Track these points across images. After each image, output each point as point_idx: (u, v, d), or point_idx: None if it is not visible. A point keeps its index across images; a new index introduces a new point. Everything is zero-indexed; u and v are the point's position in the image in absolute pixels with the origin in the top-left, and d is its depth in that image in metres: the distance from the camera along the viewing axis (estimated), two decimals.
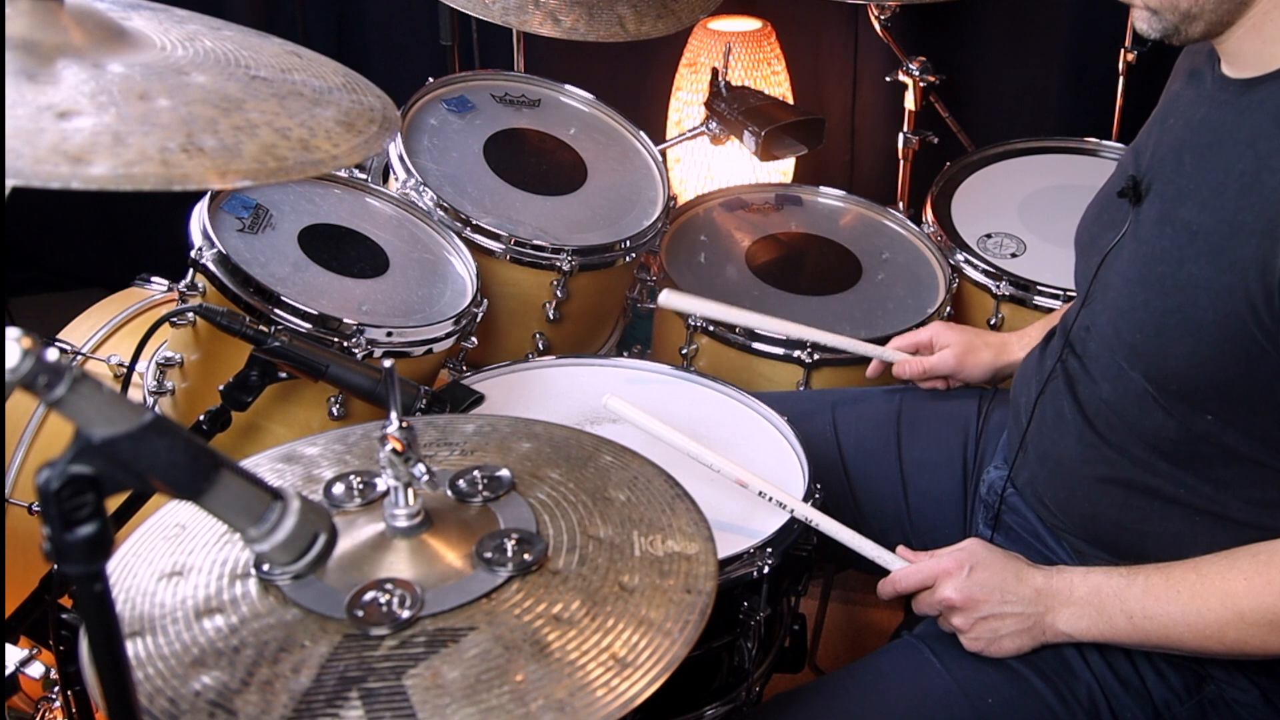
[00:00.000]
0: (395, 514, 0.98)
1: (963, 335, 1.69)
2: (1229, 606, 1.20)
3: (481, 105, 2.17)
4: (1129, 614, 1.25)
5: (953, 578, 1.31)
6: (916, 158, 2.64)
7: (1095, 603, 1.27)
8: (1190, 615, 1.22)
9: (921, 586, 1.34)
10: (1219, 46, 1.24)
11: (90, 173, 0.80)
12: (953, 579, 1.31)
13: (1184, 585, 1.23)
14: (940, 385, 1.71)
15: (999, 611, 1.30)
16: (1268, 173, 1.15)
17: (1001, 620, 1.30)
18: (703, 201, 2.34)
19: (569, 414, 1.58)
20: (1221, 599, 1.20)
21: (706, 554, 1.00)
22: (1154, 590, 1.24)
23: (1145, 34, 1.23)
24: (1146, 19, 1.22)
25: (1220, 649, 1.23)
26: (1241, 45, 1.20)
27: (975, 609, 1.30)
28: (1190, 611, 1.22)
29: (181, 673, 0.88)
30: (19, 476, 1.80)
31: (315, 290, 1.69)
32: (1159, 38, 1.22)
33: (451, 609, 0.93)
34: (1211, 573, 1.22)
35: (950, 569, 1.32)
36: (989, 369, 1.67)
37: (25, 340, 0.70)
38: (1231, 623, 1.20)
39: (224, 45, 1.07)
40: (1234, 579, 1.20)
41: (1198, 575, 1.23)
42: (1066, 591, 1.29)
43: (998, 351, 1.67)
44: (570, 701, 0.85)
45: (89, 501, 0.74)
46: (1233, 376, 1.19)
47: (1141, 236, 1.29)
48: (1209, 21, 1.19)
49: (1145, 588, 1.25)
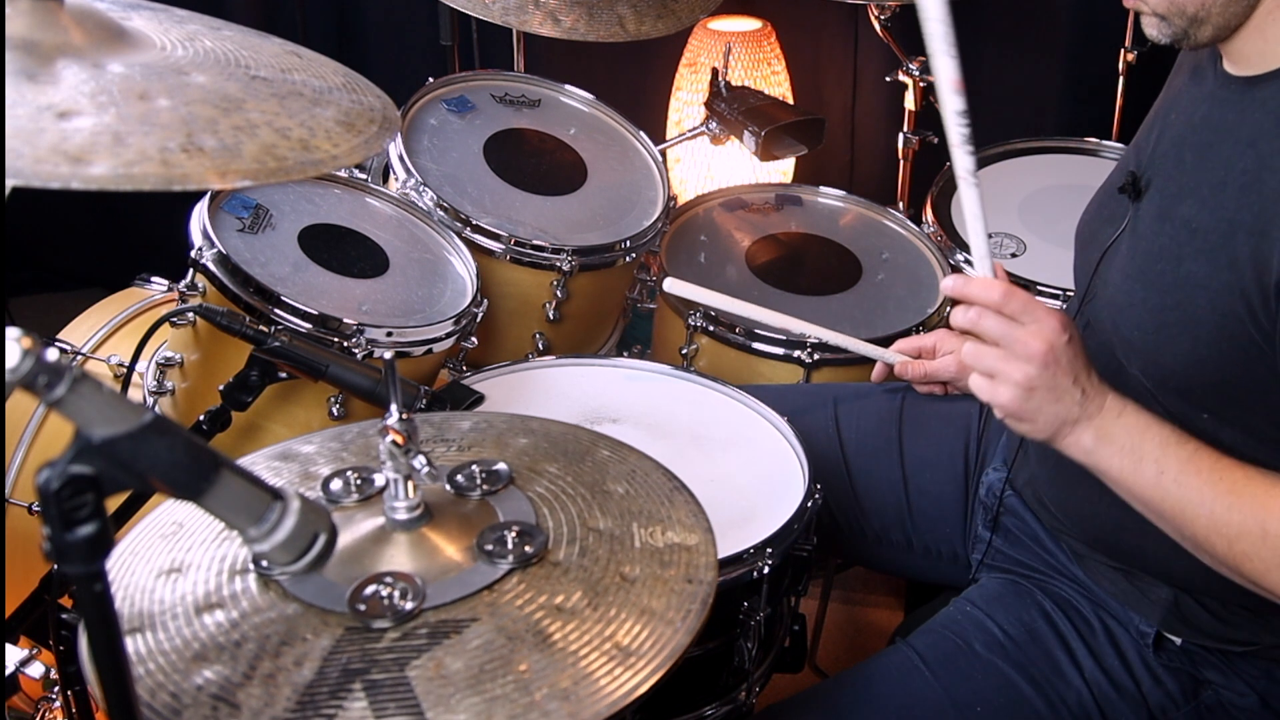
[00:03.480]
0: (395, 507, 0.98)
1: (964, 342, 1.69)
2: (1258, 518, 1.14)
3: (481, 105, 2.17)
4: (1161, 468, 1.18)
5: (1051, 332, 1.17)
6: (916, 158, 2.64)
7: (1135, 438, 1.19)
8: (1219, 506, 1.16)
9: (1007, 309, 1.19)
10: (1222, 45, 1.24)
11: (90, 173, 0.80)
12: (1050, 333, 1.17)
13: (1228, 475, 1.17)
14: (938, 391, 1.70)
15: (1060, 391, 1.18)
16: (1268, 172, 1.15)
17: (1055, 401, 1.19)
18: (703, 201, 2.35)
19: (569, 414, 1.58)
20: (1255, 508, 1.15)
21: (706, 544, 1.01)
22: (1199, 462, 1.18)
23: (1155, 39, 1.23)
24: (1156, 25, 1.22)
25: (1224, 552, 1.16)
26: (1245, 44, 1.20)
27: (1050, 374, 1.18)
28: (1220, 502, 1.16)
29: (183, 668, 0.88)
30: (19, 476, 1.80)
31: (315, 290, 1.69)
32: (1169, 43, 1.22)
33: (453, 601, 0.93)
34: (1258, 480, 1.16)
35: (1055, 325, 1.18)
36: None
37: (25, 340, 0.70)
38: (1252, 533, 1.14)
39: (224, 45, 1.07)
40: (1276, 497, 1.14)
41: (1244, 474, 1.17)
42: (1115, 411, 1.20)
43: None
44: (575, 690, 0.85)
45: (89, 501, 0.74)
46: (1230, 375, 1.19)
47: (1141, 233, 1.29)
48: (1217, 25, 1.19)
49: (1191, 456, 1.18)
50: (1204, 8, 1.17)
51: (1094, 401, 1.20)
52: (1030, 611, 1.40)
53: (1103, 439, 1.20)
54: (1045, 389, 1.18)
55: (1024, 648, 1.35)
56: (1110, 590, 1.37)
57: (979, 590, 1.47)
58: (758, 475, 1.49)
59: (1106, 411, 1.20)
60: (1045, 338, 1.17)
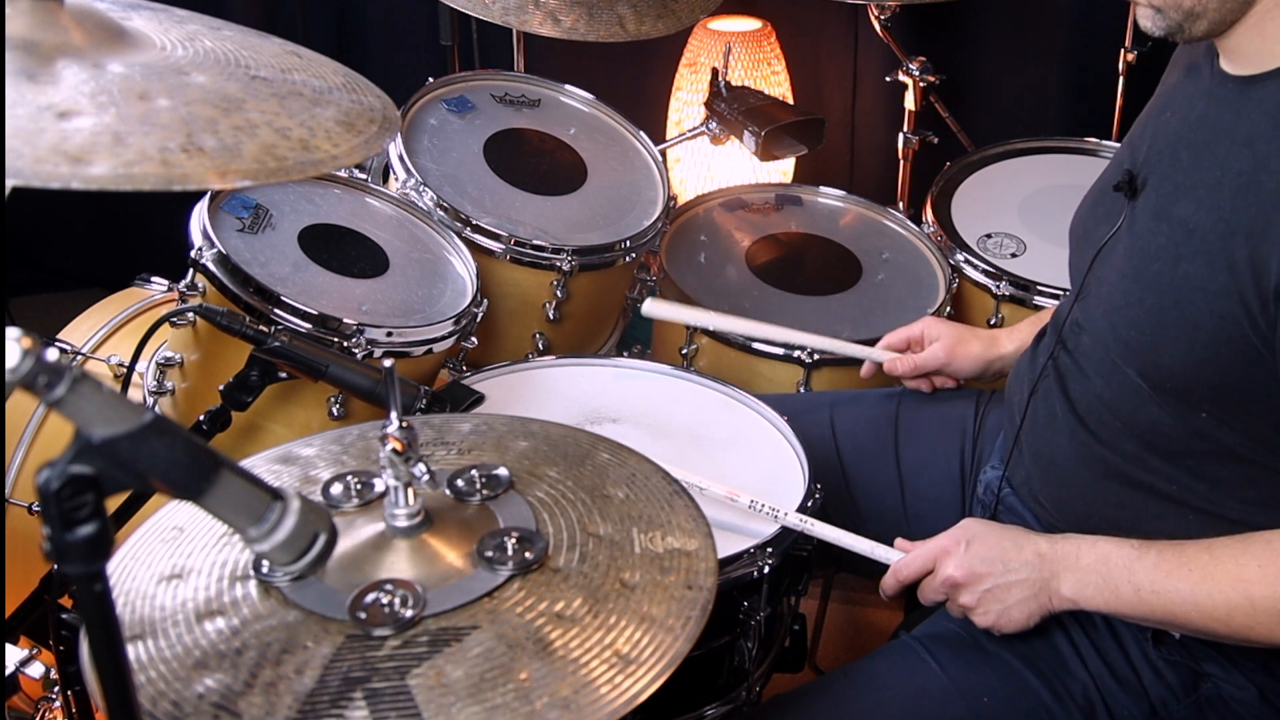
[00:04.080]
0: (395, 514, 0.98)
1: (952, 328, 1.69)
2: (1240, 591, 1.18)
3: (481, 105, 2.17)
4: (1136, 586, 1.23)
5: (951, 555, 1.30)
6: (916, 158, 2.65)
7: (1102, 571, 1.25)
8: (1200, 595, 1.20)
9: (923, 572, 1.33)
10: (1218, 43, 1.24)
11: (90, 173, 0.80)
12: (952, 557, 1.30)
13: (1196, 564, 1.21)
14: (925, 387, 1.70)
15: (1003, 581, 1.28)
16: (1265, 174, 1.15)
17: (1007, 590, 1.28)
18: (703, 201, 2.35)
19: (569, 414, 1.58)
20: (1233, 583, 1.19)
21: (706, 550, 1.00)
22: (1165, 566, 1.22)
23: (1149, 32, 1.23)
24: (1150, 17, 1.22)
25: (1225, 632, 1.21)
26: (1242, 42, 1.20)
27: (979, 582, 1.29)
28: (1200, 592, 1.20)
29: (184, 675, 0.88)
30: (19, 476, 1.80)
31: (315, 290, 1.69)
32: (1162, 35, 1.22)
33: (453, 608, 0.93)
34: (1225, 555, 1.20)
35: (948, 547, 1.31)
36: (979, 361, 1.66)
37: (25, 340, 0.70)
38: (1241, 607, 1.18)
39: (224, 45, 1.07)
40: (1247, 564, 1.19)
41: (1210, 556, 1.21)
42: (1072, 557, 1.27)
43: (987, 344, 1.67)
44: (575, 699, 0.85)
45: (89, 501, 0.74)
46: (1228, 376, 1.19)
47: (1137, 232, 1.29)
48: (1212, 20, 1.18)
49: (1156, 562, 1.23)
50: (1200, 2, 1.17)
51: (1050, 559, 1.28)
52: None
53: (1078, 585, 1.26)
54: (989, 593, 1.29)
55: (1029, 640, 1.35)
56: None
57: None
58: (758, 475, 1.48)
59: (1066, 558, 1.28)
60: (951, 564, 1.30)
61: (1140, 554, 1.24)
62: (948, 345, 1.66)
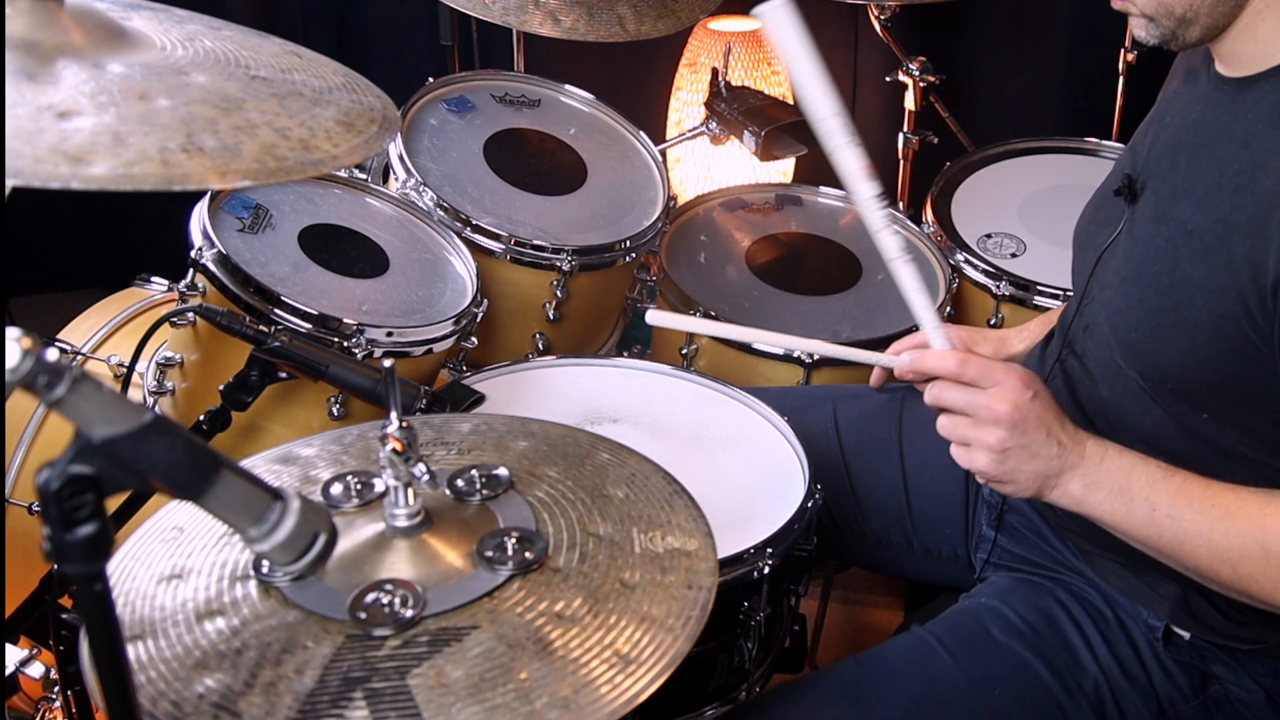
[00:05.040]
0: (395, 514, 0.98)
1: (962, 332, 1.68)
2: (1257, 539, 1.15)
3: (481, 105, 2.17)
4: (1153, 505, 1.19)
5: (1013, 392, 1.19)
6: (916, 158, 2.65)
7: (1122, 480, 1.20)
8: (1216, 533, 1.16)
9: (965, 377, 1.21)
10: (1213, 46, 1.24)
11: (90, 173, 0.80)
12: (1012, 393, 1.19)
13: (1219, 501, 1.17)
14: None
15: (1032, 448, 1.20)
16: (1262, 172, 1.15)
17: (1033, 459, 1.20)
18: (703, 201, 2.34)
19: (569, 414, 1.58)
20: (1252, 528, 1.15)
21: (706, 550, 1.00)
22: (1188, 494, 1.18)
23: (1144, 41, 1.23)
24: (1144, 26, 1.22)
25: (1229, 577, 1.17)
26: (1235, 45, 1.21)
27: (1021, 434, 1.19)
28: (1217, 530, 1.16)
29: (184, 676, 0.88)
30: (19, 476, 1.80)
31: (315, 290, 1.69)
32: (1157, 44, 1.23)
33: (454, 608, 0.93)
34: (1250, 500, 1.17)
35: (1017, 384, 1.19)
36: None
37: (25, 340, 0.70)
38: (1253, 554, 1.15)
39: (224, 45, 1.07)
40: (1271, 514, 1.15)
41: (1236, 497, 1.17)
42: (1097, 457, 1.21)
43: (997, 345, 1.66)
44: (575, 699, 0.85)
45: (89, 501, 0.74)
46: (1228, 376, 1.19)
47: (1137, 235, 1.29)
48: (1205, 26, 1.19)
49: (1180, 488, 1.19)
50: (1192, 8, 1.18)
51: (1073, 451, 1.21)
52: (1045, 599, 1.40)
53: (1089, 486, 1.21)
54: (1019, 449, 1.20)
55: (1041, 634, 1.35)
56: (1118, 586, 1.37)
57: (990, 586, 1.47)
58: (758, 475, 1.48)
59: (1088, 458, 1.21)
60: (1009, 399, 1.19)
61: (1167, 474, 1.19)
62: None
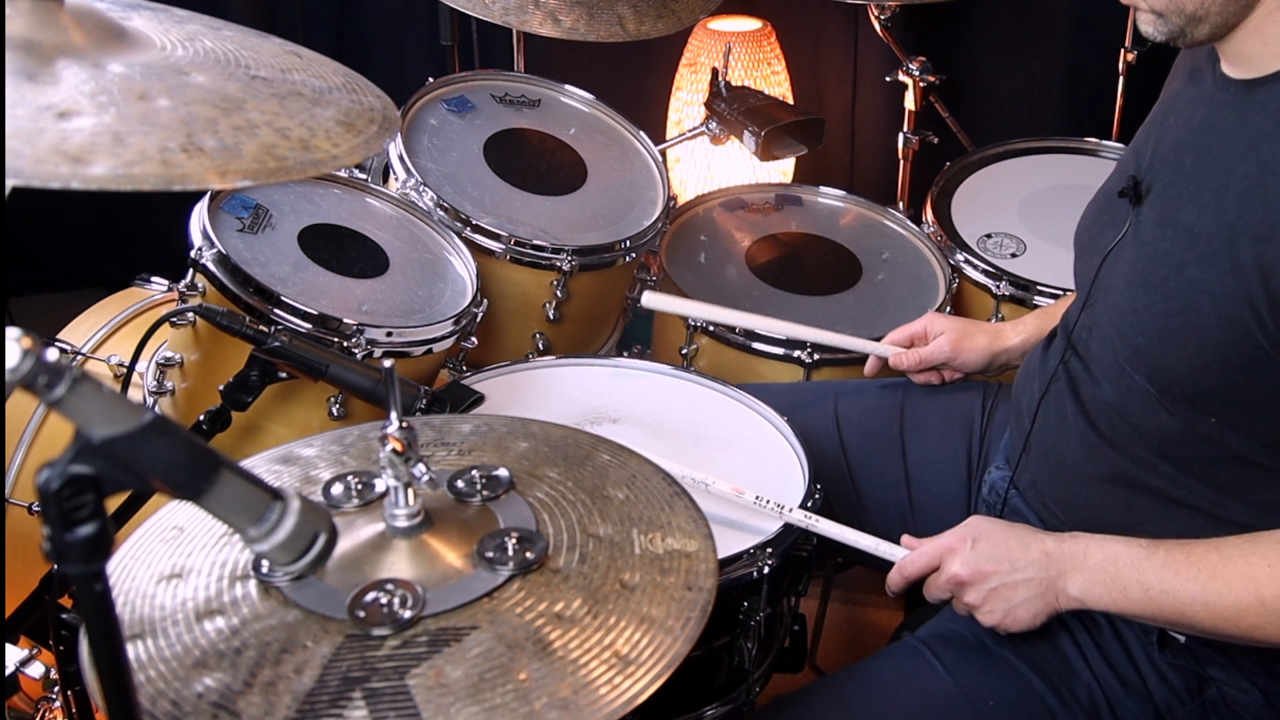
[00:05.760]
0: (395, 514, 0.98)
1: (956, 322, 1.69)
2: (1250, 590, 1.17)
3: (481, 105, 2.17)
4: (1145, 586, 1.22)
5: (957, 553, 1.29)
6: (916, 158, 2.64)
7: (1110, 571, 1.24)
8: (1209, 595, 1.19)
9: (928, 569, 1.32)
10: (1220, 46, 1.23)
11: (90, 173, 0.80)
12: (958, 554, 1.29)
13: (1205, 564, 1.20)
14: (935, 379, 1.70)
15: (1009, 580, 1.27)
16: (1270, 176, 1.14)
17: (1014, 589, 1.27)
18: (703, 201, 2.35)
19: (569, 414, 1.58)
20: (1243, 582, 1.18)
21: (706, 551, 1.00)
22: (1174, 565, 1.21)
23: (1151, 37, 1.22)
24: (1152, 21, 1.21)
25: (1235, 632, 1.20)
26: (1243, 46, 1.20)
27: (984, 581, 1.27)
28: (1210, 591, 1.19)
29: (183, 675, 0.88)
30: (19, 476, 1.80)
31: (315, 290, 1.69)
32: (1165, 40, 1.22)
33: (453, 608, 0.93)
34: (1234, 554, 1.19)
35: (954, 545, 1.29)
36: (984, 354, 1.66)
37: (25, 340, 0.70)
38: (1251, 607, 1.17)
39: (224, 45, 1.07)
40: (1257, 563, 1.18)
41: (1220, 555, 1.20)
42: (1080, 556, 1.26)
43: (992, 338, 1.66)
44: (574, 699, 0.85)
45: (89, 501, 0.74)
46: (1235, 380, 1.19)
47: (1142, 238, 1.28)
48: (1214, 24, 1.18)
49: (1165, 561, 1.22)
50: (1203, 6, 1.17)
51: (1057, 558, 1.27)
52: None
53: (1085, 584, 1.25)
54: (997, 590, 1.28)
55: (1034, 643, 1.35)
56: None
57: None
58: (758, 475, 1.48)
59: (1074, 557, 1.26)
60: (957, 562, 1.29)
61: (1149, 553, 1.23)
62: (953, 339, 1.66)
